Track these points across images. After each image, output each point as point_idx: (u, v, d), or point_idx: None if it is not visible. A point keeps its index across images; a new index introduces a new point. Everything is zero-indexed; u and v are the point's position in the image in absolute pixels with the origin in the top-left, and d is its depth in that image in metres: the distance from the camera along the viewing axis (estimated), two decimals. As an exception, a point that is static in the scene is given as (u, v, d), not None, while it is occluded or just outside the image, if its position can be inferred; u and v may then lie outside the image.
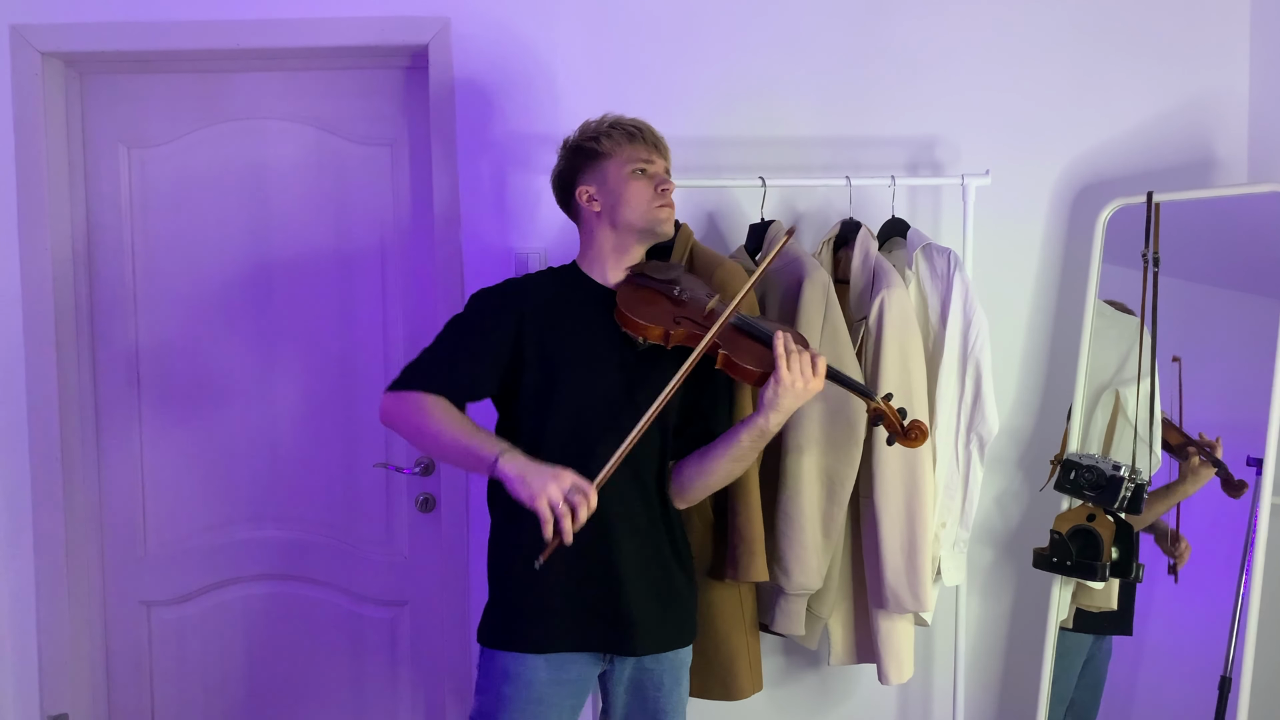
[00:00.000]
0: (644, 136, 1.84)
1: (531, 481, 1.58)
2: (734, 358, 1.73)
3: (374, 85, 2.47)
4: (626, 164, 1.81)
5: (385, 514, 2.52)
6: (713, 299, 1.81)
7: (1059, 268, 2.44)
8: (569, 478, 1.59)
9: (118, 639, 2.53)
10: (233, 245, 2.48)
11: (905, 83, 2.40)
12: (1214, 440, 2.18)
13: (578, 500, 1.58)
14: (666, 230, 1.85)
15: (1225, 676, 2.09)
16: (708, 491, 1.85)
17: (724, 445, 1.78)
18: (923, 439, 1.74)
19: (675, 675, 1.83)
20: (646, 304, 1.77)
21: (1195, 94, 2.42)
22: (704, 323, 1.76)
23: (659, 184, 1.83)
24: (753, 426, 1.74)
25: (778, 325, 1.79)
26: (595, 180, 1.83)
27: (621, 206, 1.81)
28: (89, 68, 2.44)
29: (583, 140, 1.85)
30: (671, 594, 1.81)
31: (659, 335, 1.74)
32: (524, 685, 1.73)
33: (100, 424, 2.50)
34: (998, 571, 2.48)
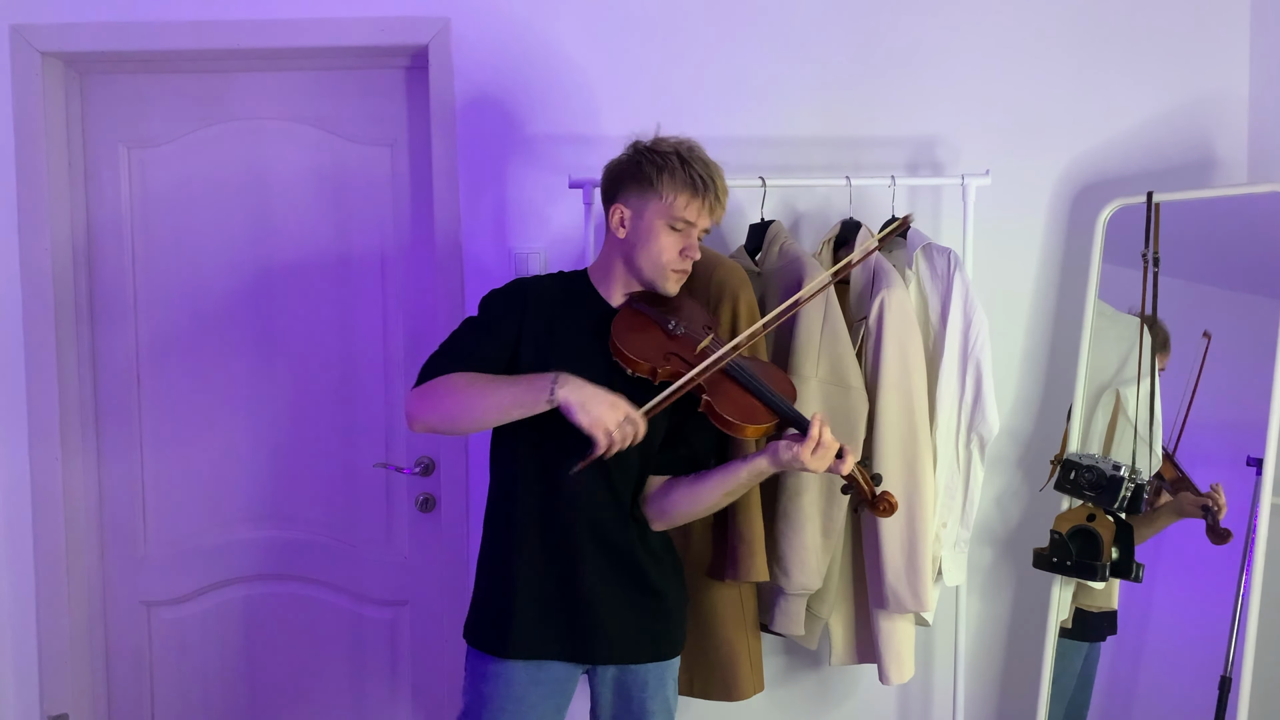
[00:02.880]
0: (706, 192, 1.73)
1: (591, 408, 1.59)
2: (716, 406, 1.69)
3: (374, 85, 2.47)
4: (668, 214, 1.73)
5: (385, 514, 2.52)
6: (707, 336, 1.76)
7: (1059, 267, 2.44)
8: (624, 406, 1.61)
9: (118, 639, 2.53)
10: (233, 245, 2.48)
11: (905, 82, 2.40)
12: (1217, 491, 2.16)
13: (628, 430, 1.61)
14: (669, 292, 1.79)
15: (1225, 676, 2.08)
16: (689, 518, 1.82)
17: (720, 477, 1.76)
18: (890, 511, 1.71)
19: (660, 677, 1.82)
20: (640, 336, 1.74)
21: (1195, 94, 2.42)
22: (693, 362, 1.71)
23: (685, 249, 1.76)
24: (753, 466, 1.73)
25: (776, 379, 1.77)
26: (634, 206, 1.76)
27: (641, 249, 1.76)
28: (89, 68, 2.44)
29: (647, 159, 1.75)
30: (647, 607, 1.79)
31: (646, 371, 1.71)
32: (503, 684, 1.75)
33: (100, 424, 2.50)
34: (998, 571, 2.47)
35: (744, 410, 1.70)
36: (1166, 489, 2.21)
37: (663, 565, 1.83)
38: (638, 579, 1.78)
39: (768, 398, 1.72)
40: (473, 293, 2.38)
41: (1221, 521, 2.17)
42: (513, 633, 1.74)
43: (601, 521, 1.76)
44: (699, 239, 1.80)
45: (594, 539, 1.75)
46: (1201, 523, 2.18)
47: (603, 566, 1.76)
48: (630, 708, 1.81)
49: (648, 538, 1.81)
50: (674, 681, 1.86)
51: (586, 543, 1.75)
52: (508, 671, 1.75)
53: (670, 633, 1.84)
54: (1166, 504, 2.20)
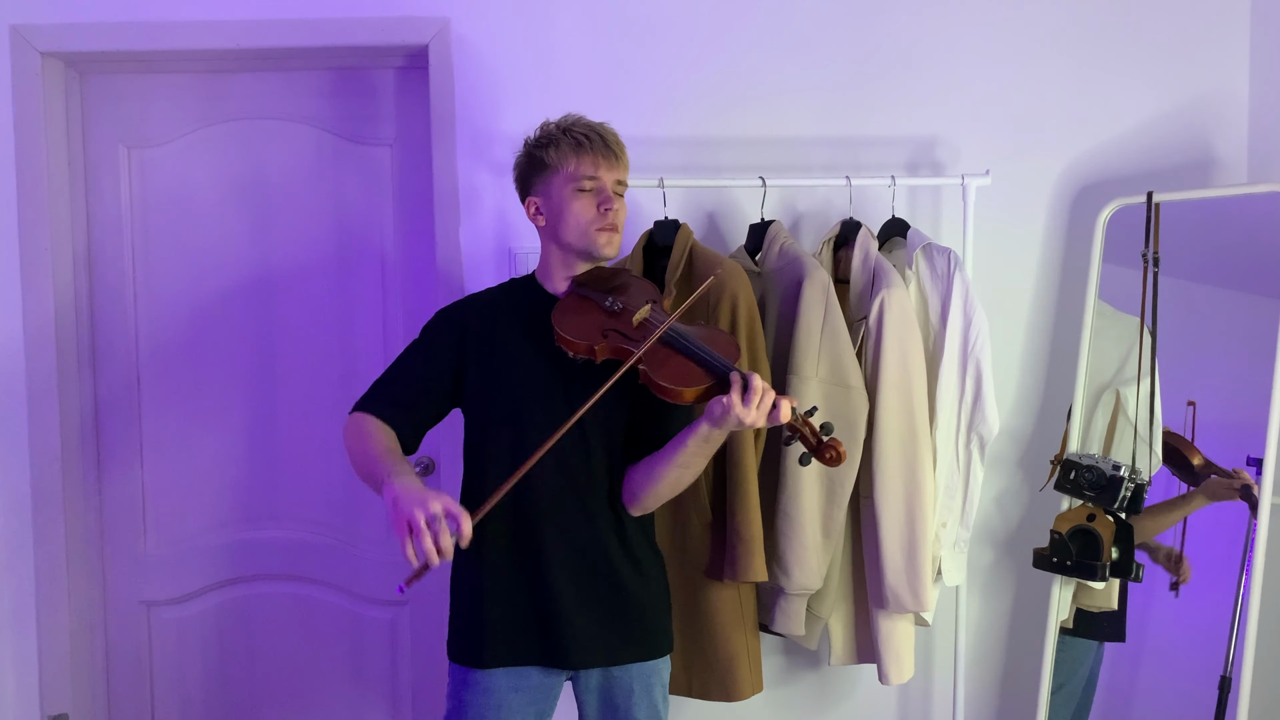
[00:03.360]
0: (592, 145, 1.74)
1: (401, 505, 1.49)
2: (652, 374, 1.64)
3: (374, 85, 2.47)
4: (570, 181, 1.74)
5: (385, 514, 2.49)
6: (644, 307, 1.73)
7: (1059, 267, 2.44)
8: (438, 504, 1.49)
9: (118, 639, 2.52)
10: (233, 245, 2.48)
11: (905, 82, 2.40)
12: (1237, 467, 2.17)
13: (438, 528, 1.47)
14: (606, 254, 1.77)
15: (1225, 676, 2.09)
16: (659, 499, 1.77)
17: (670, 452, 1.70)
18: (839, 460, 1.59)
19: (646, 682, 1.79)
20: (577, 317, 1.71)
21: (1195, 94, 2.42)
22: (631, 334, 1.68)
23: (602, 203, 1.74)
24: (697, 433, 1.66)
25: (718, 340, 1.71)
26: (542, 193, 1.78)
27: (561, 225, 1.76)
28: (89, 68, 2.44)
29: (535, 147, 1.78)
30: (624, 608, 1.77)
31: (584, 350, 1.68)
32: (483, 693, 1.74)
33: (100, 424, 2.50)
34: (998, 571, 2.47)
35: (678, 374, 1.64)
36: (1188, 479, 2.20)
37: (639, 562, 1.79)
38: (610, 578, 1.76)
39: (701, 357, 1.66)
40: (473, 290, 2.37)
41: (1220, 520, 2.16)
42: (486, 642, 1.73)
43: (568, 522, 1.74)
44: (615, 193, 1.77)
45: (561, 540, 1.74)
46: (1198, 519, 2.19)
47: (572, 567, 1.74)
48: (615, 714, 1.79)
49: (624, 533, 1.78)
50: (662, 686, 1.83)
51: (553, 545, 1.73)
52: (486, 680, 1.74)
53: (651, 632, 1.80)
54: (1198, 489, 2.19)
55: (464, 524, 1.50)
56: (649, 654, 1.80)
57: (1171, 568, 2.22)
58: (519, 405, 1.75)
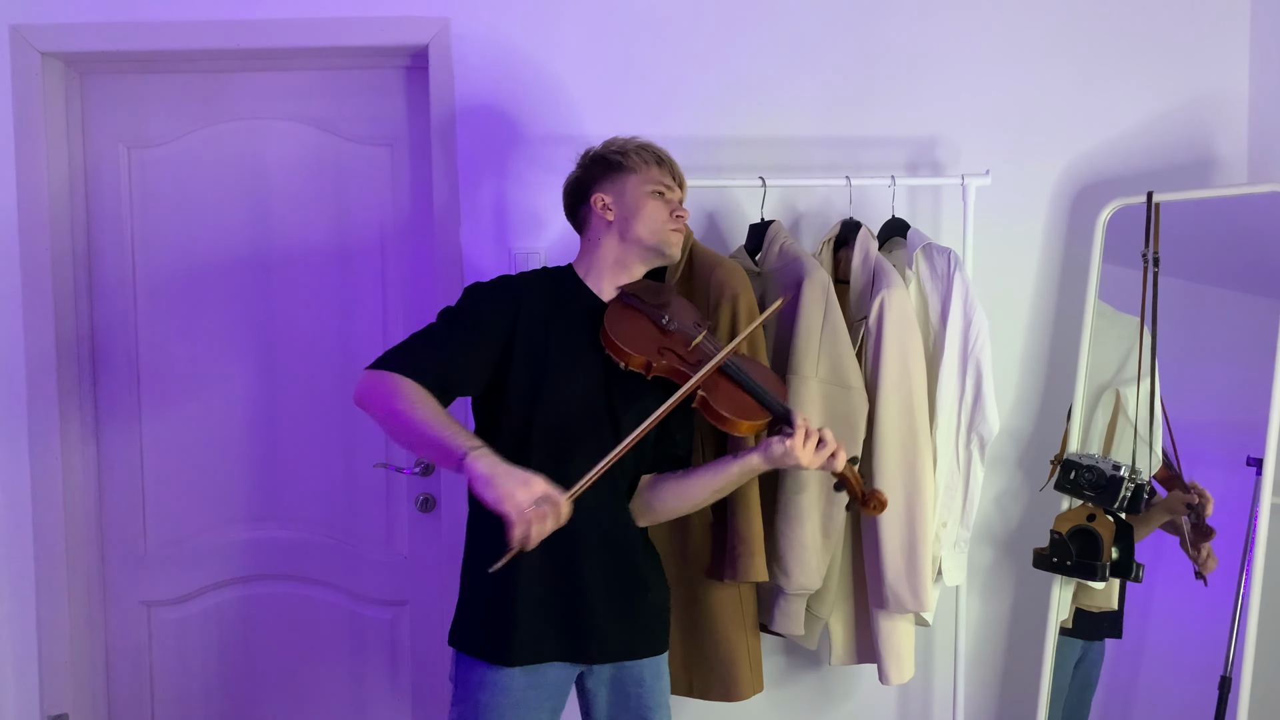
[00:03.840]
0: (667, 165, 1.86)
1: (500, 484, 1.48)
2: (712, 402, 1.71)
3: (374, 85, 2.46)
4: (648, 183, 1.83)
5: (385, 514, 2.52)
6: (700, 333, 1.77)
7: (1059, 267, 2.43)
8: (540, 485, 1.50)
9: (118, 639, 2.52)
10: (233, 245, 2.47)
11: (905, 83, 2.39)
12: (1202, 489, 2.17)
13: (545, 510, 1.49)
14: (674, 253, 1.85)
15: (1225, 676, 2.08)
16: (674, 515, 1.84)
17: (710, 473, 1.77)
18: (881, 509, 1.74)
19: (655, 670, 1.83)
20: (632, 329, 1.74)
21: (1195, 94, 2.41)
22: (687, 357, 1.73)
23: (674, 209, 1.84)
24: (745, 463, 1.75)
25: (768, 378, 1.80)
26: (613, 191, 1.83)
27: (635, 220, 1.81)
28: (89, 68, 2.43)
29: (608, 152, 1.86)
30: (644, 604, 1.80)
31: (641, 364, 1.72)
32: (500, 692, 1.72)
33: (100, 423, 2.50)
34: (998, 571, 2.47)
35: (739, 406, 1.72)
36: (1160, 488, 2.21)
37: (652, 561, 1.85)
38: (634, 576, 1.79)
39: (761, 394, 1.74)
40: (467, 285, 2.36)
41: (1220, 520, 2.16)
42: (515, 639, 1.71)
43: (605, 520, 1.75)
44: (681, 204, 1.87)
45: (599, 537, 1.75)
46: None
47: (605, 565, 1.75)
48: (629, 705, 1.80)
49: (645, 533, 1.84)
50: (667, 675, 1.87)
51: (592, 542, 1.74)
52: (505, 679, 1.71)
53: (663, 627, 1.86)
54: (1159, 503, 2.20)
55: (562, 507, 1.52)
56: (660, 648, 1.85)
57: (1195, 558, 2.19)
58: (565, 403, 1.74)
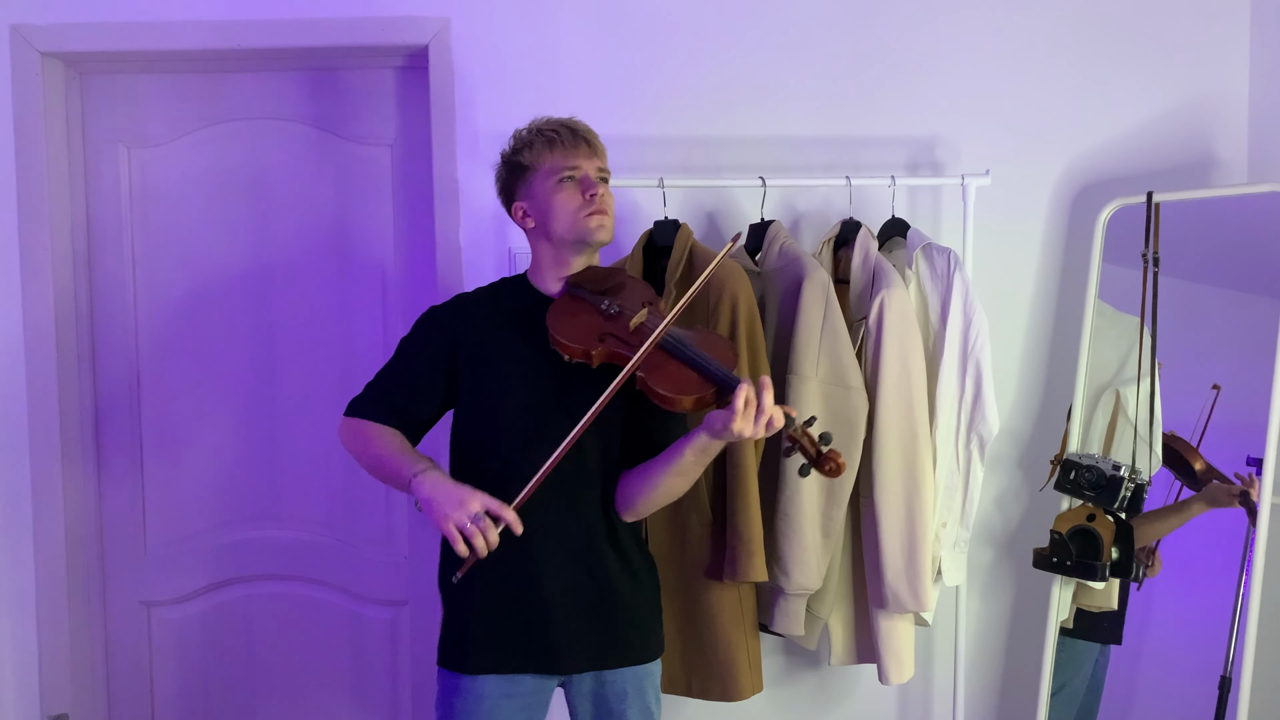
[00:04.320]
0: (562, 139, 1.75)
1: (440, 504, 1.58)
2: (650, 381, 1.62)
3: (374, 85, 2.46)
4: (550, 175, 1.74)
5: (385, 514, 2.51)
6: (641, 310, 1.70)
7: (1059, 267, 2.43)
8: (478, 502, 1.58)
9: (118, 639, 2.51)
10: (233, 245, 2.47)
11: (905, 83, 2.39)
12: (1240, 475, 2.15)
13: (484, 524, 1.56)
14: (600, 238, 1.75)
15: (1225, 676, 2.09)
16: (654, 506, 1.76)
17: (666, 460, 1.70)
18: (838, 472, 1.57)
19: (639, 685, 1.77)
20: (573, 320, 1.70)
21: (1195, 94, 2.41)
22: (628, 339, 1.66)
23: (586, 190, 1.73)
24: (695, 443, 1.65)
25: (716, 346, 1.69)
26: (525, 195, 1.78)
27: (551, 220, 1.75)
28: (89, 68, 2.43)
29: (511, 154, 1.80)
30: (616, 612, 1.75)
31: (580, 354, 1.67)
32: (474, 699, 1.72)
33: (100, 423, 2.49)
34: (998, 571, 2.47)
35: (678, 382, 1.62)
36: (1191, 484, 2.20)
37: (631, 566, 1.78)
38: (603, 581, 1.74)
39: (703, 366, 1.63)
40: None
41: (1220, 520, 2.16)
42: (476, 648, 1.72)
43: (560, 526, 1.72)
44: (597, 177, 1.77)
45: (554, 544, 1.72)
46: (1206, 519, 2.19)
47: (564, 572, 1.72)
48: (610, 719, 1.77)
49: (617, 537, 1.77)
50: (654, 689, 1.81)
51: (547, 549, 1.72)
52: (478, 687, 1.72)
53: (643, 636, 1.79)
54: (1198, 495, 2.18)
55: (508, 517, 1.58)
56: (640, 658, 1.78)
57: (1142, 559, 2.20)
58: (514, 408, 1.74)
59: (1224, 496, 2.15)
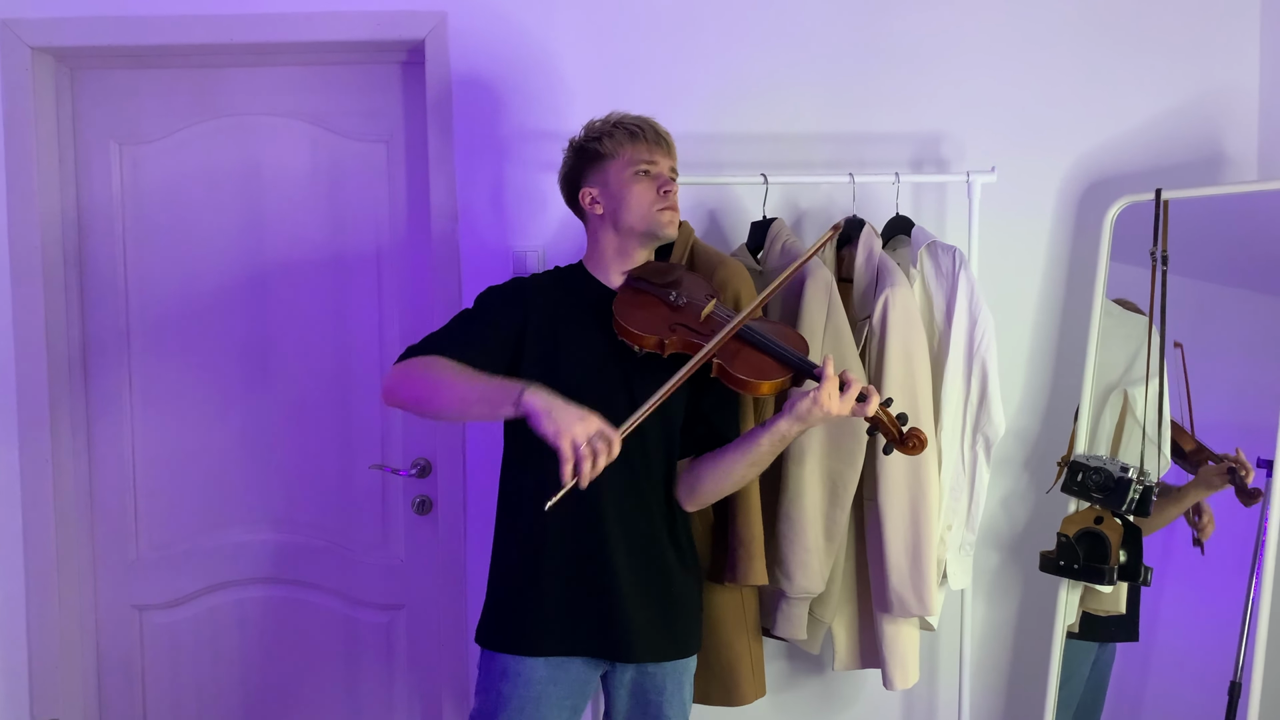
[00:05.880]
0: (645, 135, 1.83)
1: (559, 417, 1.54)
2: (729, 368, 1.69)
3: (370, 81, 2.46)
4: (628, 165, 1.81)
5: (381, 516, 2.51)
6: (710, 303, 1.78)
7: (1066, 266, 2.43)
8: (595, 421, 1.55)
9: (109, 643, 2.51)
10: (226, 243, 2.46)
11: (910, 78, 2.39)
12: (1234, 452, 2.15)
13: (600, 446, 1.53)
14: (669, 234, 1.84)
15: (1235, 681, 2.08)
16: (720, 495, 1.83)
17: (741, 448, 1.76)
18: (921, 448, 1.68)
19: (678, 679, 1.82)
20: (642, 311, 1.75)
21: (1205, 89, 2.41)
22: (700, 329, 1.73)
23: (661, 185, 1.82)
24: (774, 431, 1.71)
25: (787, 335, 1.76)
26: (598, 182, 1.84)
27: (623, 210, 1.81)
28: (80, 63, 2.43)
29: (586, 141, 1.85)
30: (673, 603, 1.80)
31: (654, 344, 1.72)
32: (522, 684, 1.74)
33: (91, 424, 2.48)
34: (1004, 575, 2.46)
35: (756, 367, 1.70)
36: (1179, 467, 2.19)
37: (685, 561, 1.83)
38: (664, 573, 1.79)
39: (780, 353, 1.72)
40: (470, 291, 2.36)
41: (1230, 523, 2.15)
42: (537, 628, 1.74)
43: (627, 512, 1.76)
44: (671, 177, 1.85)
45: (622, 531, 1.75)
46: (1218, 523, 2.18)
47: (631, 560, 1.76)
48: (647, 711, 1.81)
49: (675, 529, 1.82)
50: (690, 684, 1.86)
51: (615, 536, 1.75)
52: (528, 670, 1.74)
53: (692, 629, 1.84)
54: (1192, 482, 2.18)
55: (615, 443, 1.55)
56: (687, 650, 1.84)
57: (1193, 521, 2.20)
58: (582, 397, 1.71)
59: (1216, 478, 2.16)
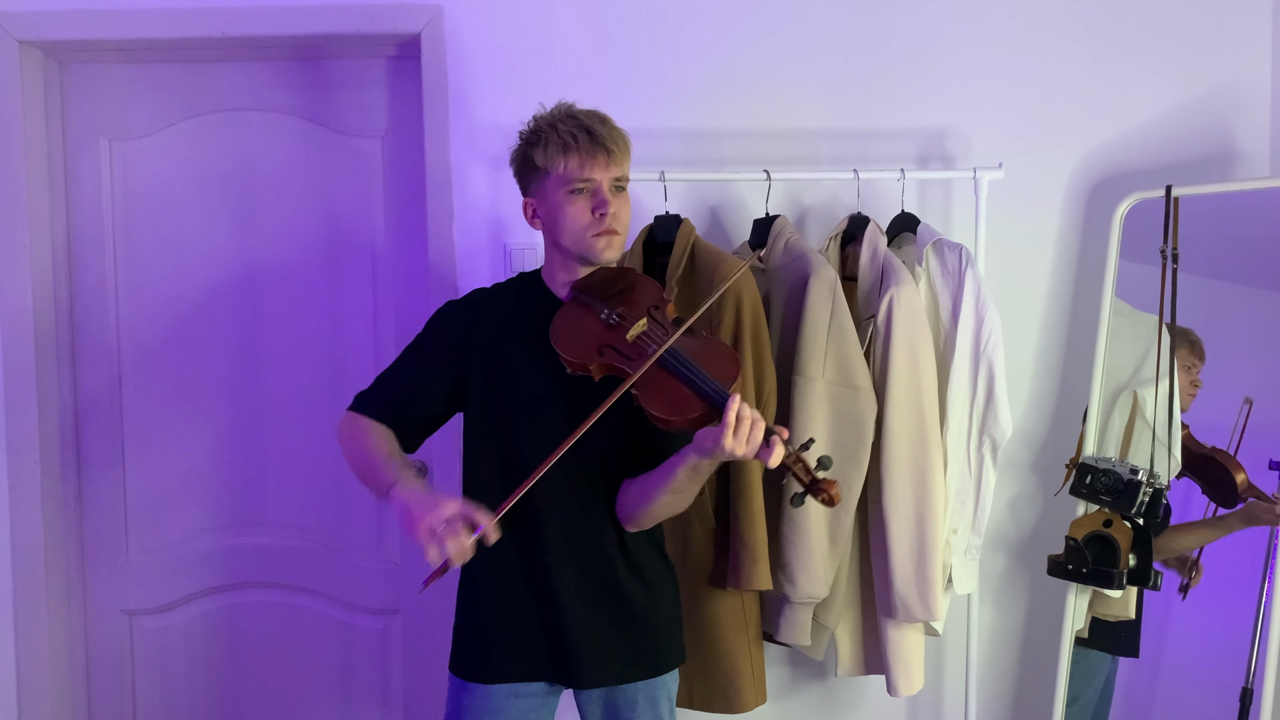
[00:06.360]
0: (579, 144, 1.65)
1: (413, 510, 1.53)
2: (644, 402, 1.56)
3: (364, 75, 2.44)
4: (561, 184, 1.67)
5: (376, 519, 2.49)
6: (639, 322, 1.64)
7: (1075, 264, 2.42)
8: (452, 507, 1.51)
9: (98, 649, 2.50)
10: (218, 240, 2.45)
11: (915, 72, 2.38)
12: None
13: (457, 529, 1.49)
14: (607, 258, 1.70)
15: (1246, 688, 2.09)
16: (654, 520, 1.71)
17: (660, 477, 1.64)
18: (833, 502, 1.48)
19: (651, 696, 1.76)
20: (574, 331, 1.65)
21: (1216, 84, 2.40)
22: (627, 351, 1.61)
23: (595, 206, 1.66)
24: (687, 462, 1.59)
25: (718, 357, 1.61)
26: (537, 194, 1.72)
27: (558, 231, 1.70)
28: (68, 57, 2.41)
29: (526, 144, 1.72)
30: (633, 623, 1.74)
31: (580, 367, 1.63)
32: (480, 697, 1.74)
33: (80, 426, 2.47)
34: (1011, 579, 2.46)
35: (671, 403, 1.56)
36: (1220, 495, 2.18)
37: (644, 575, 1.76)
38: (618, 592, 1.73)
39: (695, 383, 1.56)
40: (465, 289, 2.33)
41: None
42: (493, 657, 1.73)
43: (574, 534, 1.71)
44: (615, 188, 1.69)
45: (568, 553, 1.71)
46: None
47: (580, 581, 1.71)
48: None
49: (629, 547, 1.74)
50: (669, 699, 1.80)
51: (561, 558, 1.71)
52: (486, 696, 1.74)
53: (660, 646, 1.77)
54: (1238, 511, 2.17)
55: (483, 524, 1.52)
56: (657, 669, 1.77)
57: (1184, 570, 2.21)
58: (518, 415, 1.72)
59: (1264, 514, 2.13)
